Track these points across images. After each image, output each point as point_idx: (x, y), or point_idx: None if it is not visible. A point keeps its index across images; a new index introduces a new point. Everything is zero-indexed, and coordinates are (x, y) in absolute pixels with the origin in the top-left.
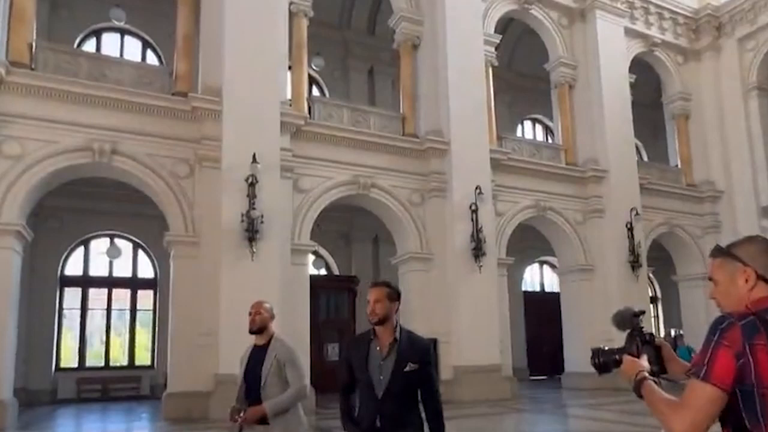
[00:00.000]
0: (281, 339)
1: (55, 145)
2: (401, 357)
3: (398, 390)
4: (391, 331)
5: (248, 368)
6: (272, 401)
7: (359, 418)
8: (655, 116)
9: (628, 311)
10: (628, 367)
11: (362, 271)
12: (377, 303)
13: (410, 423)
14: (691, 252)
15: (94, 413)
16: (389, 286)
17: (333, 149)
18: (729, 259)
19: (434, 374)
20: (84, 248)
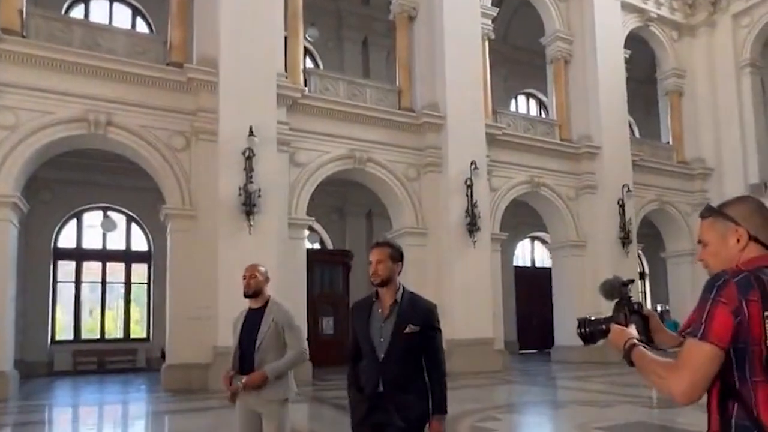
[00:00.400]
0: (278, 302)
1: (49, 116)
2: (401, 318)
3: (399, 353)
4: (393, 293)
5: (243, 332)
6: (272, 365)
7: (362, 382)
8: (647, 92)
9: (616, 280)
10: (617, 336)
11: (356, 245)
12: (379, 264)
13: (414, 388)
14: (680, 229)
15: (92, 385)
16: (392, 246)
17: (329, 123)
18: (721, 218)
19: (438, 338)
20: (77, 221)
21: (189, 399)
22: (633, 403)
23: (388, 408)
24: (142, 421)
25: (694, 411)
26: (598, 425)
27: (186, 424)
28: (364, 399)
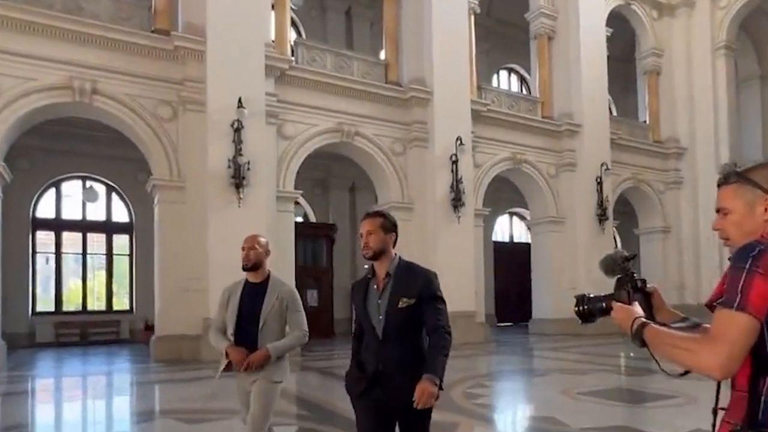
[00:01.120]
0: (280, 279)
1: (32, 83)
2: (394, 292)
3: (397, 330)
4: (387, 266)
5: (242, 307)
6: (275, 345)
7: (363, 361)
8: (625, 70)
9: (618, 255)
10: (622, 315)
11: (340, 218)
12: (370, 235)
13: (415, 366)
14: (654, 207)
15: (79, 356)
16: (384, 216)
17: (317, 95)
18: (748, 185)
19: (440, 308)
20: (56, 190)
21: (181, 369)
22: (608, 371)
23: (387, 389)
24: (138, 390)
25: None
26: (579, 391)
27: (181, 393)
28: (363, 377)
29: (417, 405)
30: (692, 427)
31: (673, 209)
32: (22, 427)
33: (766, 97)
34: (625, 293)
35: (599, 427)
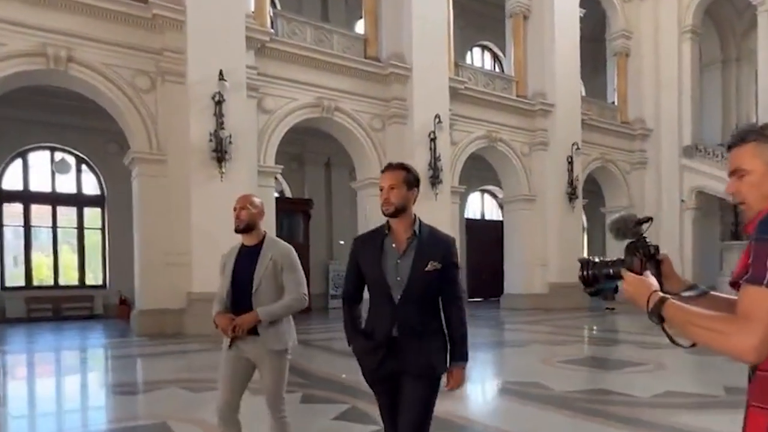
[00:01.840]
0: (276, 239)
1: (2, 48)
2: (421, 254)
3: (418, 293)
4: (409, 225)
5: (236, 272)
6: (266, 308)
7: (371, 328)
8: (594, 51)
9: (630, 217)
10: (636, 286)
11: (315, 194)
12: (392, 189)
13: (431, 331)
14: (620, 186)
15: (58, 331)
16: (407, 169)
17: (297, 69)
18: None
19: (457, 277)
20: (22, 162)
21: (164, 343)
22: (580, 342)
23: (403, 356)
24: (124, 362)
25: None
26: (557, 360)
27: (167, 366)
28: (375, 346)
29: (449, 388)
30: (663, 390)
31: (637, 189)
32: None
33: (726, 81)
34: (638, 260)
35: (581, 390)
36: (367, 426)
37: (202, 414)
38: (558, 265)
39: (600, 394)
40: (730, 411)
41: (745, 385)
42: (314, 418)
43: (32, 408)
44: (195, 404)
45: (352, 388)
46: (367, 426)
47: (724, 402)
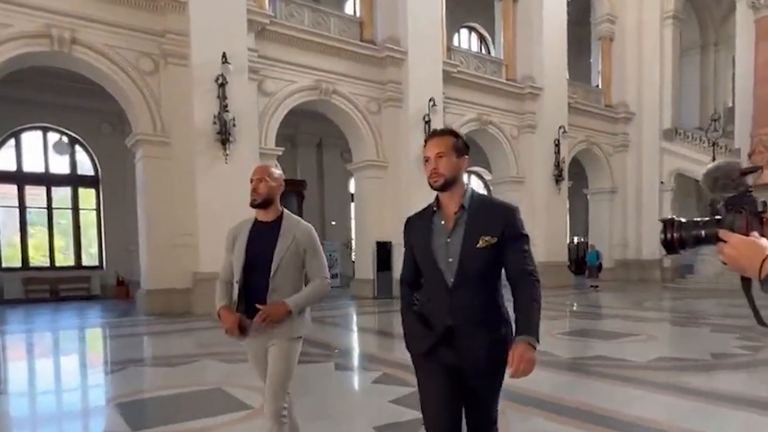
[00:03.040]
0: (297, 218)
1: (9, 29)
2: (472, 229)
3: (474, 275)
4: (459, 198)
5: (250, 250)
6: (295, 299)
7: (427, 313)
8: (579, 34)
9: (733, 166)
10: (746, 249)
11: (307, 174)
12: (441, 158)
13: (493, 321)
14: (603, 168)
15: (60, 312)
16: (456, 136)
17: (296, 52)
18: None
19: (525, 249)
20: (16, 142)
21: (173, 321)
22: (573, 317)
23: (461, 349)
24: (145, 340)
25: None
26: (557, 332)
27: (188, 342)
28: (429, 334)
29: (514, 375)
30: (656, 356)
31: (620, 171)
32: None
33: (705, 66)
34: (743, 219)
35: (585, 357)
36: (403, 387)
37: (250, 381)
38: (545, 245)
39: (601, 359)
40: (719, 372)
41: (729, 352)
42: (357, 382)
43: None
44: (237, 373)
45: (378, 358)
46: (403, 387)
47: (712, 365)
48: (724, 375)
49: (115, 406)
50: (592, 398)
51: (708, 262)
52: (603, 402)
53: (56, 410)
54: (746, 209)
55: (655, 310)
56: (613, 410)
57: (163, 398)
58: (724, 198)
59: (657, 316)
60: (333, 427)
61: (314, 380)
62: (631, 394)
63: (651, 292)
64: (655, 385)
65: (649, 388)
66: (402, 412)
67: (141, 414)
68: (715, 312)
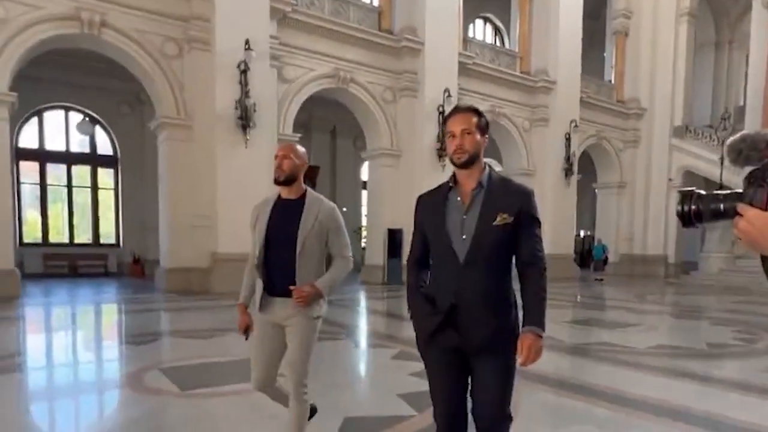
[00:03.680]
0: (320, 197)
1: (40, 11)
2: (489, 205)
3: (486, 252)
4: (477, 176)
5: (271, 227)
6: (325, 280)
7: (433, 291)
8: (592, 27)
9: (759, 137)
10: (762, 223)
11: (320, 160)
12: (466, 135)
13: (501, 300)
14: (612, 163)
15: (82, 287)
16: (480, 114)
17: (315, 40)
18: None
19: (537, 234)
20: (38, 120)
21: (194, 299)
22: (576, 307)
23: (463, 328)
24: (170, 315)
25: (626, 311)
26: (562, 320)
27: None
28: (435, 313)
29: (523, 364)
30: (656, 344)
31: (629, 166)
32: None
33: (718, 63)
34: (764, 193)
35: (588, 342)
36: (421, 363)
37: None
38: (551, 237)
39: (605, 345)
40: (714, 360)
41: (725, 342)
42: (375, 359)
43: (135, 348)
44: None
45: (394, 336)
46: (421, 363)
47: (707, 353)
48: (719, 362)
49: (159, 371)
50: (593, 377)
51: (711, 259)
52: (603, 381)
53: (111, 373)
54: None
55: (657, 304)
56: (612, 387)
57: (201, 365)
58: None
59: (658, 309)
60: (360, 395)
61: (336, 356)
62: (629, 375)
63: (654, 286)
64: (653, 369)
65: (647, 371)
66: (422, 384)
67: (184, 378)
68: (716, 307)
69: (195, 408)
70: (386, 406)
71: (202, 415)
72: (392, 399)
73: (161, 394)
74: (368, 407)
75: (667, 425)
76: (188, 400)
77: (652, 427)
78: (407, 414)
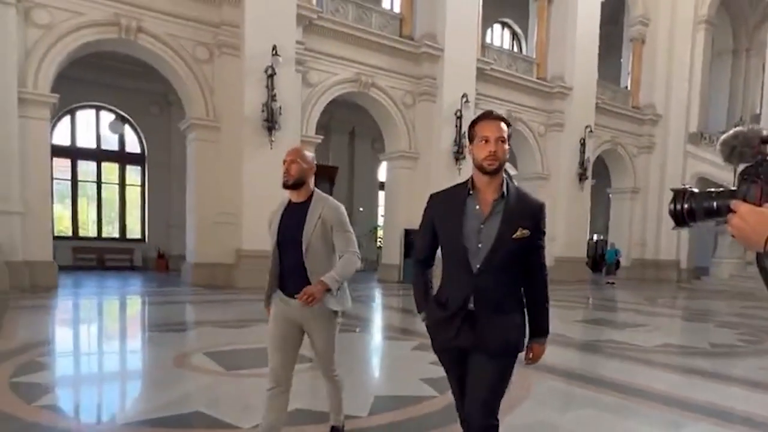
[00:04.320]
0: (325, 196)
1: (81, 17)
2: (510, 219)
3: (500, 263)
4: (499, 185)
5: (281, 230)
6: (331, 275)
7: (444, 297)
8: (610, 32)
9: (753, 133)
10: (755, 219)
11: (339, 161)
12: (501, 143)
13: (511, 305)
14: (626, 168)
15: (113, 279)
16: (509, 124)
17: (339, 45)
18: None
19: (544, 246)
20: (71, 118)
21: (221, 293)
22: (585, 308)
23: (480, 331)
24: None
25: (634, 313)
26: (573, 320)
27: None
28: (449, 317)
29: (527, 363)
30: (662, 342)
31: (643, 172)
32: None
33: (735, 71)
34: (757, 189)
35: (598, 340)
36: None
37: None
38: (564, 240)
39: (613, 343)
40: (716, 358)
41: (730, 343)
42: (397, 350)
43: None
44: None
45: (412, 330)
46: None
47: (710, 352)
48: (720, 360)
49: (203, 354)
50: (600, 369)
51: (723, 265)
52: (609, 373)
53: (163, 355)
54: (762, 179)
55: (667, 307)
56: (619, 379)
57: (238, 350)
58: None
59: (667, 312)
60: (386, 378)
61: (363, 346)
62: (635, 369)
63: (665, 290)
64: (657, 364)
65: (652, 366)
66: (442, 371)
67: (228, 360)
68: (724, 311)
69: (242, 384)
70: (411, 388)
71: (249, 390)
72: (416, 382)
73: (210, 373)
74: (394, 388)
75: (671, 412)
76: (234, 378)
77: (656, 413)
78: (429, 395)
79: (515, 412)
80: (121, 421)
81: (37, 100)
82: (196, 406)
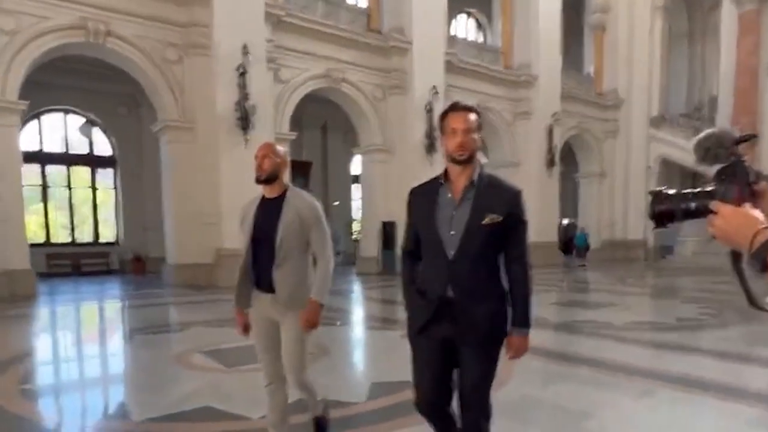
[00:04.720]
0: (300, 191)
1: (47, 22)
2: (479, 205)
3: (475, 250)
4: (470, 174)
5: (256, 227)
6: (318, 289)
7: (423, 285)
8: (573, 20)
9: (726, 134)
10: (737, 221)
11: (312, 156)
12: (469, 134)
13: (490, 294)
14: (593, 153)
15: (91, 285)
16: (478, 113)
17: (309, 42)
18: None
19: (524, 232)
20: (38, 123)
21: (202, 293)
22: (562, 291)
23: (457, 320)
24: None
25: (606, 293)
26: (550, 302)
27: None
28: (427, 305)
29: (511, 359)
30: (632, 320)
31: (609, 156)
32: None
33: (692, 54)
34: (735, 189)
35: (578, 320)
36: None
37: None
38: (536, 226)
39: (588, 322)
40: (682, 332)
41: (693, 317)
42: (384, 339)
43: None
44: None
45: (395, 320)
46: None
47: (677, 326)
48: (685, 333)
49: (200, 353)
50: (577, 347)
51: (687, 243)
52: (586, 350)
53: (162, 355)
54: (738, 179)
55: (636, 286)
56: (594, 355)
57: (235, 348)
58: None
59: (637, 291)
60: (380, 366)
61: (353, 338)
62: (609, 345)
63: (634, 270)
64: (629, 340)
65: (624, 342)
66: None
67: (226, 358)
68: (688, 287)
69: (245, 380)
70: (406, 374)
71: (253, 384)
72: (409, 367)
73: (212, 371)
74: (390, 374)
75: (644, 383)
76: (237, 375)
77: (631, 384)
78: None
79: (501, 391)
80: (138, 418)
81: (6, 108)
82: (206, 401)
